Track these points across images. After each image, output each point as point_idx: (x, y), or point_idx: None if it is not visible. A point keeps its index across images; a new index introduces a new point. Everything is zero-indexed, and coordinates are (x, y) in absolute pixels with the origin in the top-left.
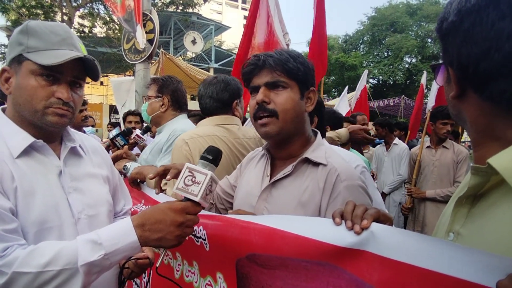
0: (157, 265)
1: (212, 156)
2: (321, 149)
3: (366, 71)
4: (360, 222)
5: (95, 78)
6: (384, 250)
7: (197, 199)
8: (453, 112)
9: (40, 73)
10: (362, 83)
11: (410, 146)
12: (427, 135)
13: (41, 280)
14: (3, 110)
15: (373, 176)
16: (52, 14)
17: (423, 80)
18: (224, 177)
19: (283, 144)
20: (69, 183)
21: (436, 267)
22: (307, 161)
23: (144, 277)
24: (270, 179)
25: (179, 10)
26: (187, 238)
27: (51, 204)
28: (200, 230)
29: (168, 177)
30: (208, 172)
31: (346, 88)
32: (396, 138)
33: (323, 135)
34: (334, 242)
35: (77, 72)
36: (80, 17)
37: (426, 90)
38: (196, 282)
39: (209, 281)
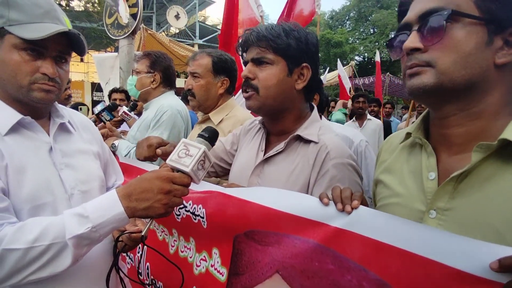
0: (143, 234)
1: (209, 135)
2: (315, 125)
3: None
4: (351, 202)
5: (81, 53)
6: (366, 230)
7: (187, 169)
8: (475, 79)
9: (24, 48)
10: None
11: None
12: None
13: (31, 255)
14: None
15: None
16: None
17: (377, 58)
18: (219, 140)
19: (274, 119)
20: (60, 159)
21: (415, 249)
22: (299, 138)
23: (139, 252)
24: (264, 155)
25: None
26: (184, 212)
27: (42, 180)
28: (200, 208)
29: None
30: (202, 146)
31: (328, 69)
32: (368, 114)
33: (323, 112)
34: (325, 221)
35: (62, 46)
36: None
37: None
38: (190, 257)
39: (204, 256)
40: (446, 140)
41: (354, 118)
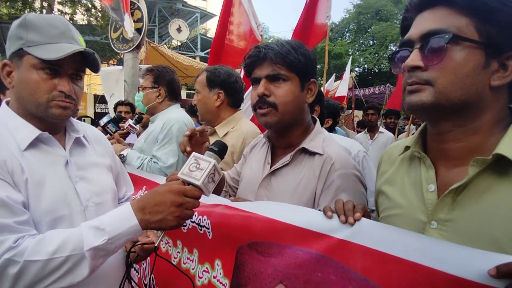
0: (156, 245)
1: (218, 148)
2: (319, 137)
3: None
4: (353, 214)
5: (95, 70)
6: (368, 241)
7: (198, 183)
8: (471, 100)
9: (42, 67)
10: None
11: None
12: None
13: (51, 266)
14: (7, 103)
15: None
16: (31, 1)
17: None
18: (233, 166)
19: (282, 134)
20: (75, 173)
21: (416, 258)
22: (305, 150)
23: (143, 263)
24: (270, 167)
25: None
26: (190, 223)
27: (60, 193)
28: (204, 219)
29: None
30: (212, 160)
31: (334, 75)
32: (381, 127)
33: (322, 124)
34: (328, 232)
35: (77, 64)
36: (59, 3)
37: None
38: (193, 269)
39: (206, 267)
40: (444, 154)
41: (366, 130)
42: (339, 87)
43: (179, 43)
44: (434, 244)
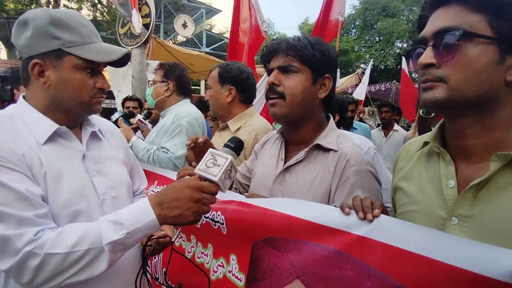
0: (173, 240)
1: (234, 145)
2: (333, 134)
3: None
4: (372, 211)
5: (123, 65)
6: (387, 238)
7: (216, 179)
8: (486, 96)
9: (85, 67)
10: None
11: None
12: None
13: (70, 259)
14: (24, 98)
15: None
16: None
17: (404, 65)
18: (243, 162)
19: (294, 128)
20: (92, 166)
21: (436, 255)
22: (319, 147)
23: (155, 257)
24: (284, 164)
25: None
26: (204, 219)
27: (77, 187)
28: (218, 215)
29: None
30: (229, 156)
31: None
32: (396, 124)
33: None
34: (346, 229)
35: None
36: None
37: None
38: (207, 263)
39: (221, 262)
40: (463, 150)
41: (380, 127)
42: (357, 90)
43: (184, 39)
44: (455, 241)
